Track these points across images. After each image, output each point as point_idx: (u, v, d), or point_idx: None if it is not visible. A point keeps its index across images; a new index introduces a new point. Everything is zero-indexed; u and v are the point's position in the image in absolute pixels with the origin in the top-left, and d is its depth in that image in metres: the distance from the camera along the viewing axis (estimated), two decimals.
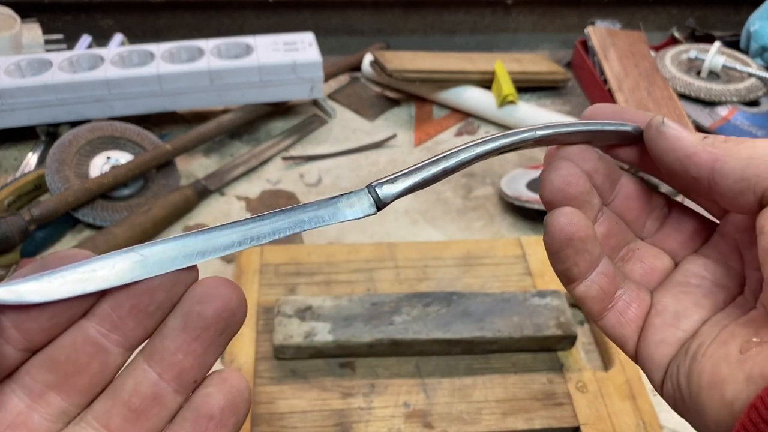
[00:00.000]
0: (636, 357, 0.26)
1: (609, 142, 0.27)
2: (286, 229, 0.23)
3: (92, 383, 0.21)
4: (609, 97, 0.83)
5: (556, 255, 0.26)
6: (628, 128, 0.26)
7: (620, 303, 0.26)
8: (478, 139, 0.26)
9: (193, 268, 0.22)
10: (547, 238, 0.26)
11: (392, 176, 0.25)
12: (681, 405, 0.24)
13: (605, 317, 0.27)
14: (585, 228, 0.25)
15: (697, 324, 0.25)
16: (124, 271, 0.21)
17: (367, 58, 0.92)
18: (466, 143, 0.26)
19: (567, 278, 0.26)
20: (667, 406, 0.26)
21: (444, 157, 0.25)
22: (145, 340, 0.22)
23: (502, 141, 0.26)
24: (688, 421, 0.24)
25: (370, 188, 0.24)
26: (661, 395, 0.26)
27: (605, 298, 0.26)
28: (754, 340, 0.22)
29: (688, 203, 0.29)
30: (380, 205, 0.24)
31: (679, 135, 0.24)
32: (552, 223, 0.25)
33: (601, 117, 0.27)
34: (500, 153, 0.26)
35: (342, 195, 0.24)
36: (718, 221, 0.28)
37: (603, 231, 0.27)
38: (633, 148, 0.27)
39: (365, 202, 0.24)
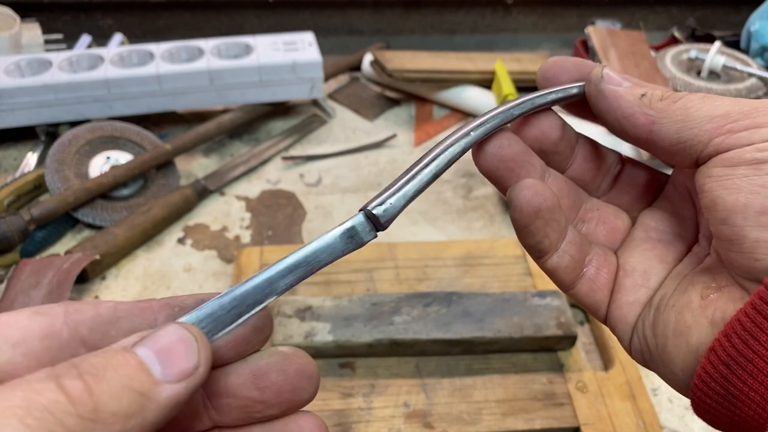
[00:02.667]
0: (606, 320, 0.27)
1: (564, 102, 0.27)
2: (288, 288, 0.22)
3: None
4: None
5: (526, 229, 0.25)
6: (574, 91, 0.26)
7: (591, 269, 0.27)
8: (459, 131, 0.25)
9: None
10: (515, 213, 0.25)
11: (385, 194, 0.24)
12: (648, 357, 0.25)
13: (577, 285, 0.27)
14: (551, 197, 0.25)
15: (663, 280, 0.26)
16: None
17: (367, 58, 0.92)
18: (449, 137, 0.25)
19: (539, 252, 0.26)
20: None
21: (432, 158, 0.24)
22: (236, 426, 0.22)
23: (481, 130, 0.25)
24: (655, 371, 0.25)
25: (367, 212, 0.23)
26: (630, 353, 0.26)
27: (577, 266, 0.26)
28: (713, 285, 0.23)
29: None
30: (380, 228, 0.24)
31: (616, 94, 0.24)
32: (518, 198, 0.25)
33: (560, 71, 0.27)
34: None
35: (341, 229, 0.23)
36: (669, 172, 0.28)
37: (554, 191, 0.27)
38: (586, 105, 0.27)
39: (365, 230, 0.23)
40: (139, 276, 0.65)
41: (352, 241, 0.23)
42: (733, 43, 0.95)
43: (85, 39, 0.89)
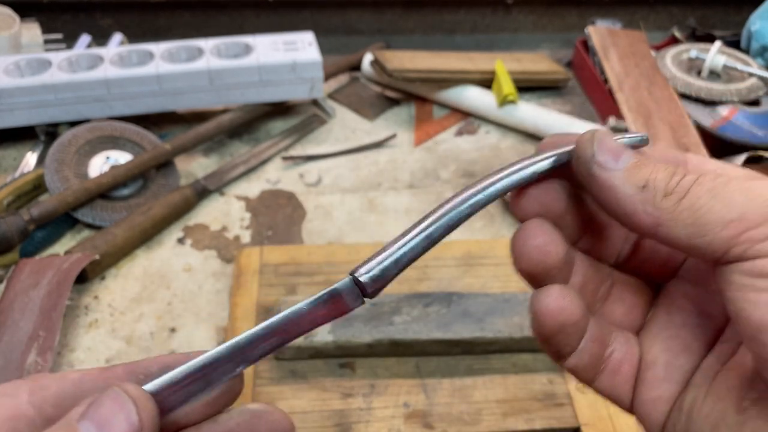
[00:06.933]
0: (632, 412, 0.25)
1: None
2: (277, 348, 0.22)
3: None
4: (610, 96, 0.83)
5: (545, 341, 0.24)
6: (566, 157, 0.23)
7: (611, 362, 0.24)
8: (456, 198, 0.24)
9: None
10: (536, 325, 0.23)
11: (376, 263, 0.23)
12: None
13: (597, 380, 0.25)
14: (577, 311, 0.23)
15: (689, 373, 0.23)
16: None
17: (367, 58, 0.92)
18: (446, 203, 0.24)
19: (557, 357, 0.24)
20: None
21: (431, 224, 0.24)
22: None
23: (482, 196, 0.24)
24: None
25: (357, 281, 0.23)
26: None
27: (597, 363, 0.24)
28: (750, 395, 0.21)
29: None
30: (369, 296, 0.23)
31: (611, 185, 0.21)
32: (541, 313, 0.23)
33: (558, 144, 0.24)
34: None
35: (326, 296, 0.22)
36: None
37: (580, 281, 0.25)
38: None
39: (352, 298, 0.23)
40: (138, 276, 0.64)
41: (336, 308, 0.23)
42: (733, 43, 0.95)
43: (85, 39, 0.89)
